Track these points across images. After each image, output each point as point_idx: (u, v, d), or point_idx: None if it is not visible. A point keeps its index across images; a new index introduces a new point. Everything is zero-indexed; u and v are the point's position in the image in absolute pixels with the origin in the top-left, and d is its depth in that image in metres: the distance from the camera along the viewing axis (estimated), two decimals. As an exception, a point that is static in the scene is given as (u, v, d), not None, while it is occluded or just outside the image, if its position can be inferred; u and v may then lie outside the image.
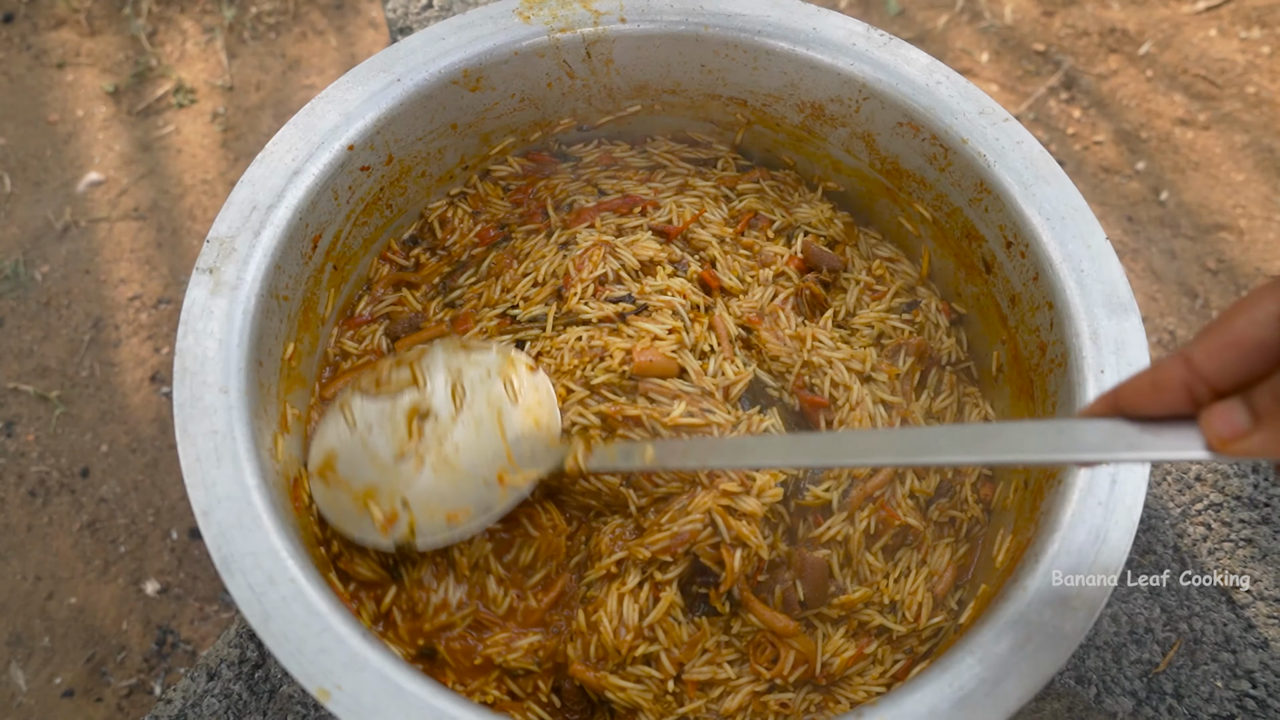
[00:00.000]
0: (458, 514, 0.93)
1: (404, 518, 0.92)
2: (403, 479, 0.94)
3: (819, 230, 1.15)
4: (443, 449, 0.96)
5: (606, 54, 1.10)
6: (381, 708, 0.72)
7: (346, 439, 0.97)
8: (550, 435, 0.95)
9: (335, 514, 0.93)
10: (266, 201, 0.94)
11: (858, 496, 0.97)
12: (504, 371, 0.99)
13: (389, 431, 0.97)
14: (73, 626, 1.76)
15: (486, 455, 0.95)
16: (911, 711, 0.73)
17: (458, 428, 0.97)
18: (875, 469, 0.98)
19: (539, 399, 0.97)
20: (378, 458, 0.96)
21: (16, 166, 2.25)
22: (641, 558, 0.91)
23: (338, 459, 0.96)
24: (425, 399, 0.98)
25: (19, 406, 1.96)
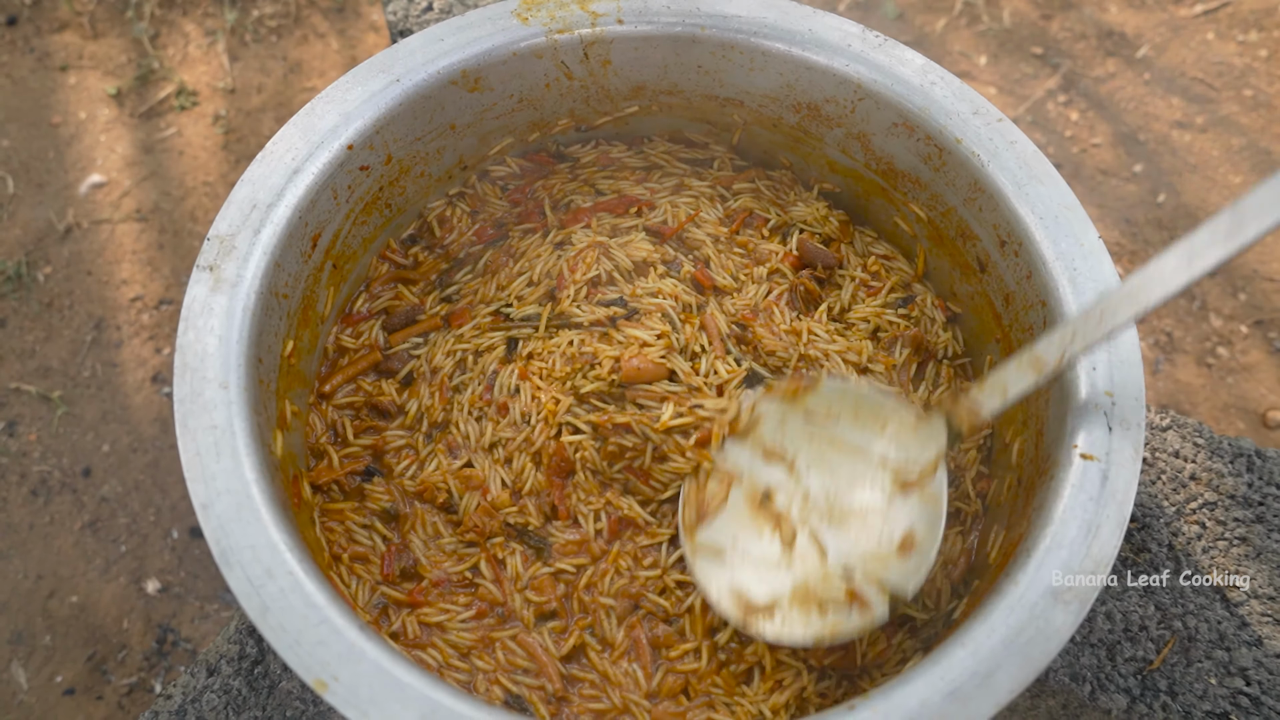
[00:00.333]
0: (905, 540, 0.90)
1: (865, 587, 0.89)
2: (815, 560, 0.90)
3: (814, 228, 1.16)
4: (818, 507, 0.92)
5: (604, 55, 1.11)
6: (378, 699, 0.72)
7: (730, 567, 0.92)
8: (905, 420, 0.92)
9: (808, 638, 0.89)
10: (266, 200, 0.95)
11: None
12: (792, 407, 0.96)
13: (755, 532, 0.93)
14: (74, 625, 1.77)
15: (866, 478, 0.92)
16: (903, 704, 0.74)
17: (810, 480, 0.93)
18: None
19: (853, 400, 0.94)
20: (771, 559, 0.92)
21: (19, 168, 2.26)
22: None
23: (747, 591, 0.91)
24: (752, 483, 0.94)
25: (21, 406, 1.97)
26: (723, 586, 0.92)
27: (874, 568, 0.90)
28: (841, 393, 0.96)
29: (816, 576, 0.91)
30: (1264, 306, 2.03)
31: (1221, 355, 1.98)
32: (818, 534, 0.92)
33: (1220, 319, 2.02)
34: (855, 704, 0.74)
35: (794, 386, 0.96)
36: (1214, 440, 1.23)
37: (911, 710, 0.73)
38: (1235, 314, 2.02)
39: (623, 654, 0.94)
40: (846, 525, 0.92)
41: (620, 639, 0.94)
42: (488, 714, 0.73)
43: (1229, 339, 2.00)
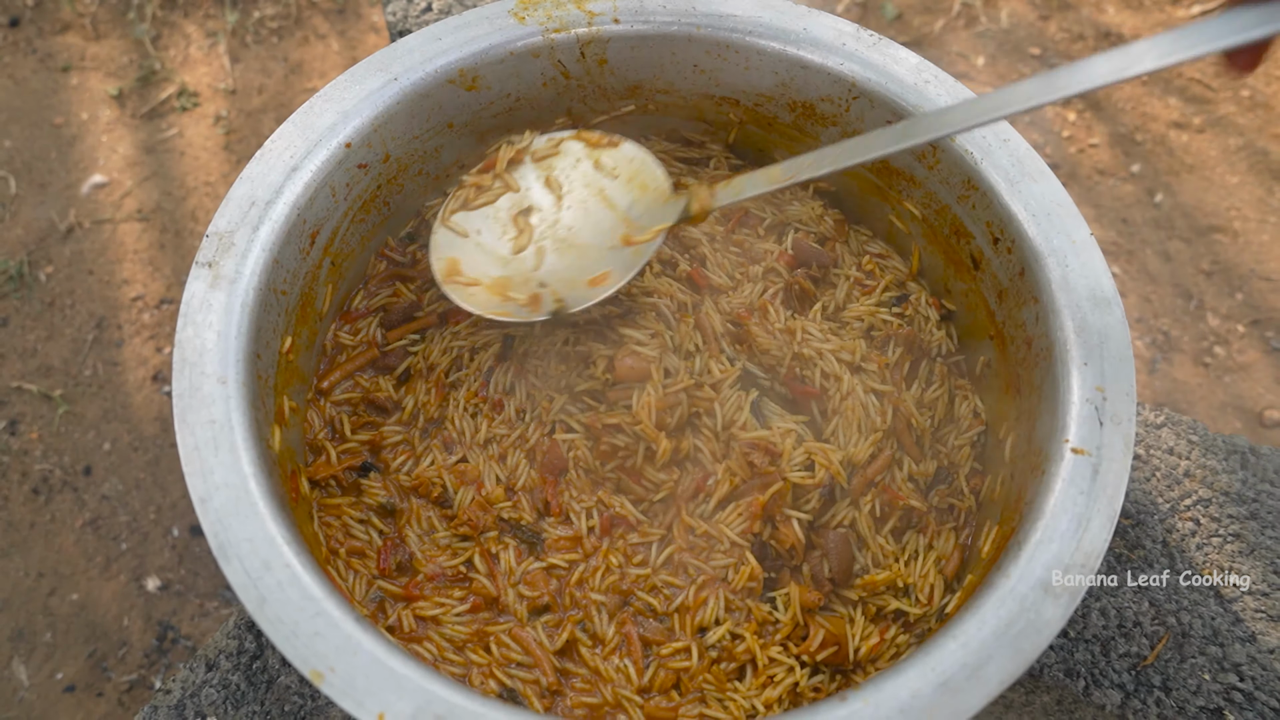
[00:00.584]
0: (600, 278, 1.00)
1: (546, 294, 1.01)
2: (529, 265, 1.03)
3: (809, 227, 1.16)
4: (556, 233, 1.05)
5: (600, 54, 1.11)
6: (374, 689, 0.73)
7: (462, 245, 1.05)
8: (661, 193, 1.03)
9: (478, 308, 1.01)
10: (265, 197, 0.96)
11: (859, 483, 1.00)
12: (590, 154, 1.07)
13: (499, 232, 1.06)
14: (74, 622, 1.77)
15: (603, 227, 1.04)
16: (894, 695, 0.74)
17: (564, 213, 1.06)
18: (874, 455, 1.01)
19: (636, 167, 1.05)
20: (497, 254, 1.04)
21: (22, 168, 2.27)
22: None
23: (460, 263, 1.04)
24: (524, 197, 1.07)
25: (23, 405, 1.98)
26: (444, 254, 1.05)
27: (563, 287, 1.02)
28: (630, 158, 1.06)
29: (519, 278, 1.03)
30: (1261, 306, 2.03)
31: (1218, 354, 1.98)
32: (544, 249, 1.05)
33: (1217, 318, 2.02)
34: (847, 695, 0.75)
35: (600, 138, 1.08)
36: (1208, 437, 1.24)
37: (903, 701, 0.74)
38: (1232, 313, 2.03)
39: (614, 650, 0.94)
40: (567, 254, 1.04)
41: (611, 635, 0.94)
42: (482, 705, 0.73)
43: (1226, 338, 2.00)
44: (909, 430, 1.04)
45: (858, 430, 1.02)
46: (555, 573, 0.98)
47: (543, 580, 0.96)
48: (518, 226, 1.06)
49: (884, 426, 1.02)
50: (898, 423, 1.03)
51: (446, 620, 0.94)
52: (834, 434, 1.02)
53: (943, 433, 1.08)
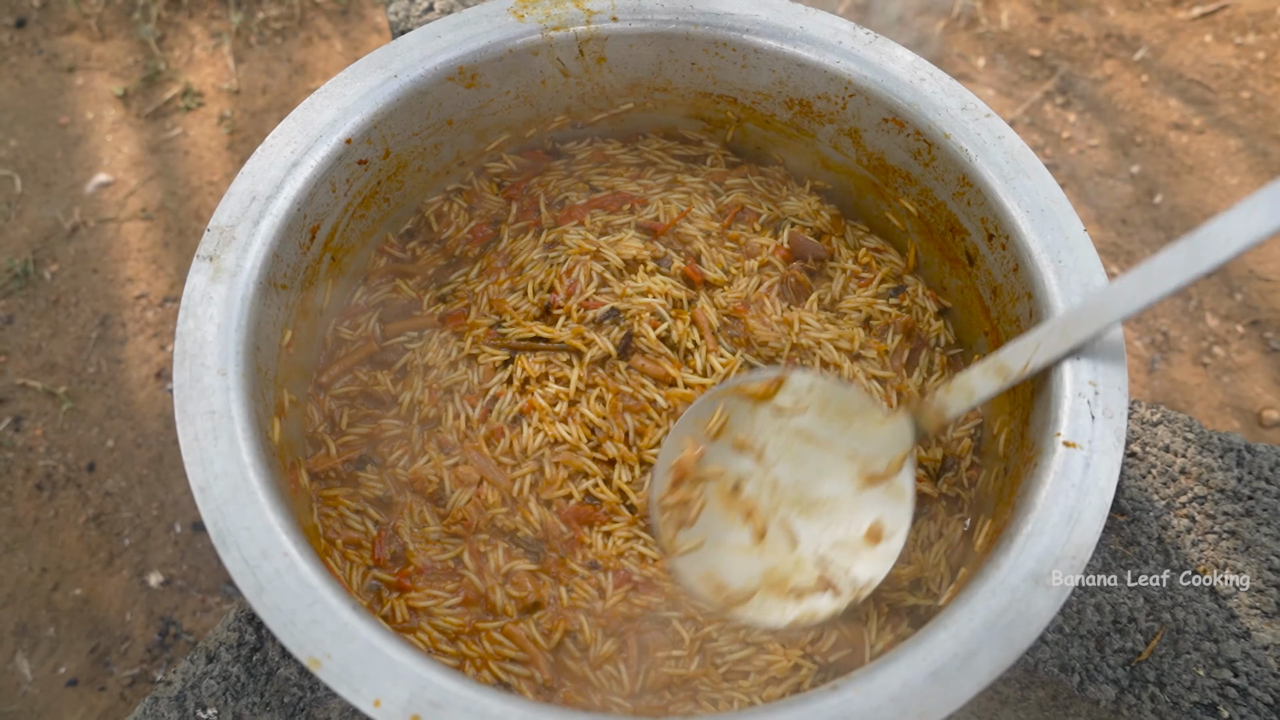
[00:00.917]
0: (872, 531, 0.92)
1: (837, 574, 0.91)
2: (786, 547, 0.93)
3: (805, 222, 1.17)
4: (785, 496, 0.94)
5: (599, 52, 1.12)
6: (370, 676, 0.74)
7: (705, 558, 0.95)
8: (870, 415, 0.94)
9: (783, 622, 0.91)
10: (265, 192, 0.97)
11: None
12: (760, 403, 0.97)
13: (727, 525, 0.95)
14: (77, 617, 1.79)
15: (833, 470, 0.94)
16: (885, 684, 0.75)
17: (778, 470, 0.95)
18: None
19: (820, 396, 0.96)
20: (743, 548, 0.94)
21: (27, 167, 2.29)
22: None
23: (721, 579, 0.94)
24: (725, 477, 0.96)
25: (27, 402, 1.99)
26: (698, 575, 0.95)
27: (843, 556, 0.92)
28: (809, 387, 0.98)
29: (789, 564, 0.93)
30: (1260, 307, 2.04)
31: (1218, 355, 1.98)
32: (788, 522, 0.94)
33: (1216, 319, 2.03)
34: (838, 685, 0.75)
35: (762, 387, 0.98)
36: (1204, 435, 1.24)
37: (894, 690, 0.74)
38: (1231, 314, 2.03)
39: (606, 659, 0.94)
40: (815, 515, 0.94)
41: (602, 642, 0.95)
42: (476, 691, 0.74)
43: (1225, 339, 2.01)
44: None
45: None
46: (545, 580, 0.98)
47: (532, 584, 0.97)
48: (739, 508, 0.95)
49: None
50: None
51: (439, 612, 0.95)
52: None
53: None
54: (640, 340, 1.06)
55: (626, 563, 0.97)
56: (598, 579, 0.97)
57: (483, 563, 0.98)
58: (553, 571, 0.97)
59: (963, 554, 1.00)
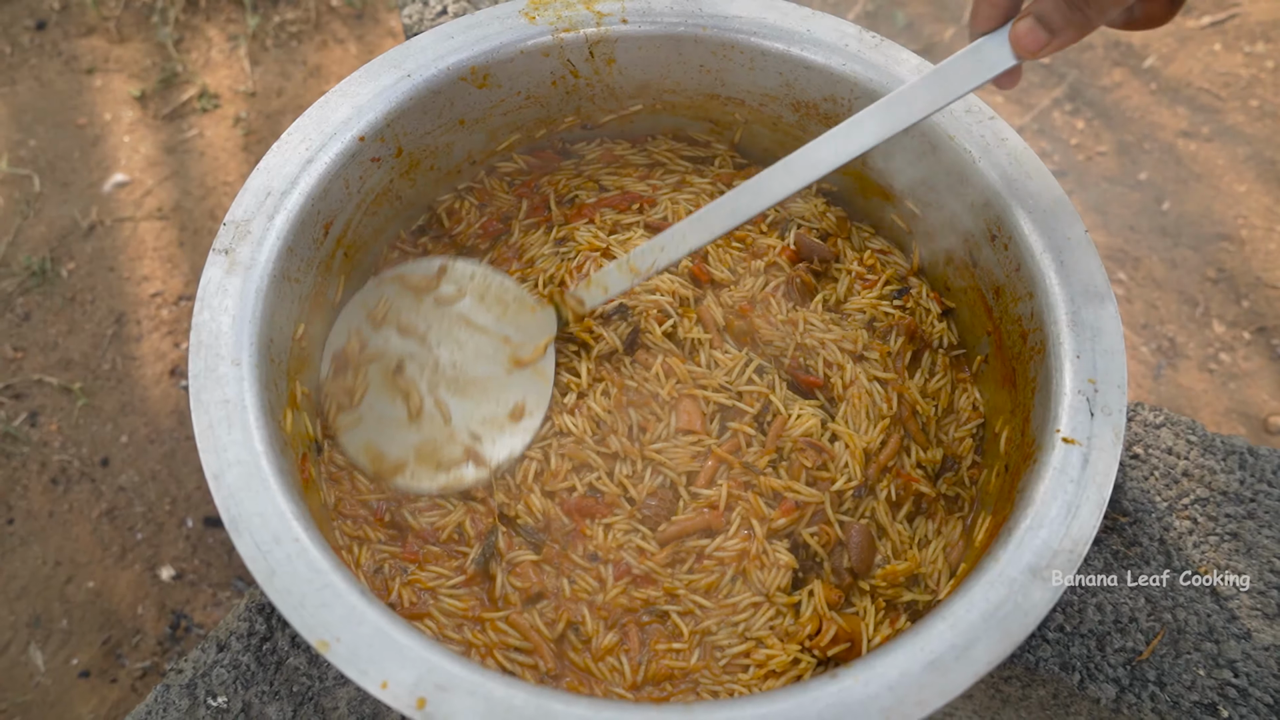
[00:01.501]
0: (518, 410, 1.00)
1: (483, 447, 0.99)
2: (440, 423, 1.01)
3: (812, 223, 1.19)
4: (444, 376, 1.03)
5: (609, 54, 1.14)
6: (378, 659, 0.75)
7: (366, 430, 1.02)
8: (523, 303, 1.04)
9: (432, 489, 1.00)
10: (280, 188, 0.99)
11: (875, 469, 1.02)
12: (413, 282, 1.06)
13: (386, 399, 1.03)
14: (90, 610, 1.81)
15: (487, 353, 1.03)
16: (883, 673, 0.76)
17: (438, 351, 1.04)
18: (885, 441, 1.04)
19: (481, 283, 1.05)
20: (401, 423, 1.02)
21: (46, 167, 2.32)
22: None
23: (380, 449, 1.02)
24: (385, 352, 1.05)
25: (43, 397, 2.02)
26: (358, 447, 1.02)
27: (489, 431, 1.01)
28: (470, 275, 1.07)
29: (442, 437, 1.01)
30: (1267, 314, 2.04)
31: (1224, 361, 1.99)
32: (442, 400, 1.03)
33: (1223, 325, 2.03)
34: (838, 673, 0.77)
35: (423, 280, 1.07)
36: (1207, 437, 1.25)
37: (891, 679, 0.76)
38: (1238, 321, 2.04)
39: (609, 652, 0.95)
40: (468, 394, 1.03)
41: (604, 635, 0.96)
42: (482, 675, 0.76)
43: (1231, 345, 2.01)
44: (914, 417, 1.06)
45: (866, 417, 1.04)
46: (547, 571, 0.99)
47: (536, 574, 0.98)
48: (401, 387, 1.03)
49: (891, 413, 1.04)
50: (903, 409, 1.05)
51: (444, 592, 0.96)
52: (844, 421, 1.04)
53: (944, 424, 1.10)
54: (646, 336, 1.07)
55: (626, 554, 0.99)
56: (598, 570, 0.98)
57: (480, 529, 1.00)
58: (554, 562, 0.98)
59: (961, 550, 1.01)
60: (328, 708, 1.06)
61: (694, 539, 0.99)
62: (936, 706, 0.74)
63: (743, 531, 0.99)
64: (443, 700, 0.74)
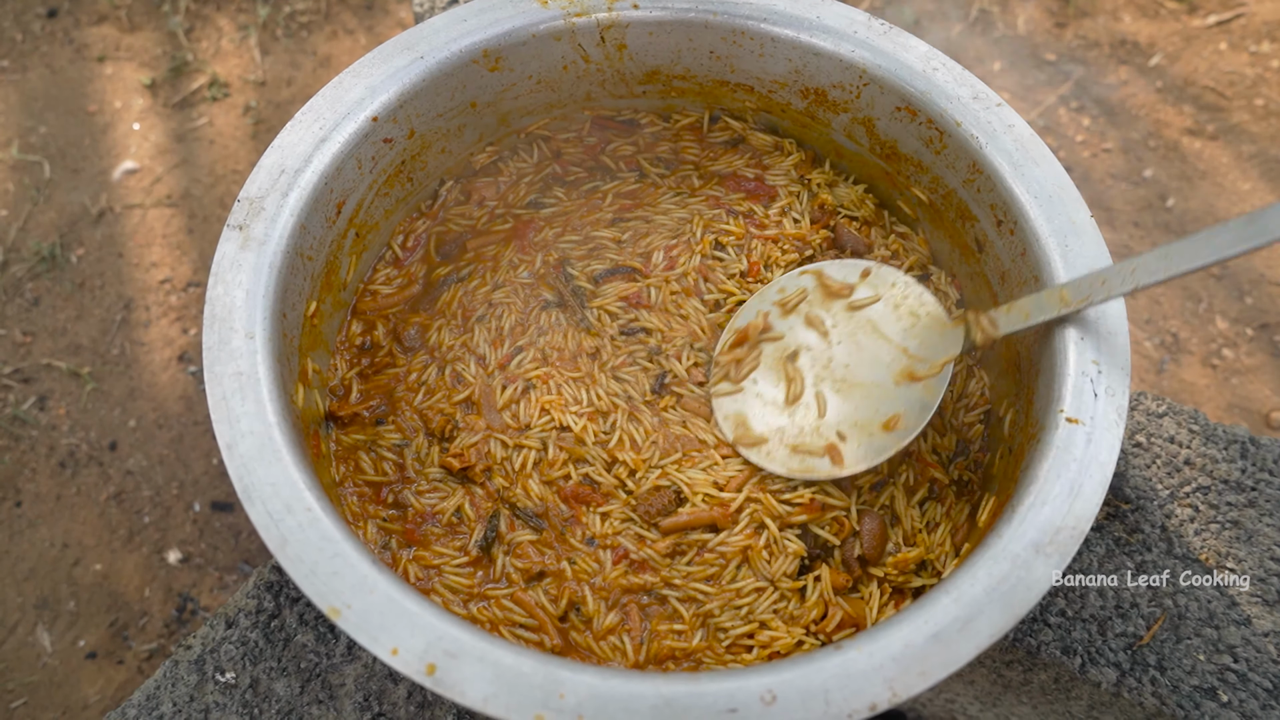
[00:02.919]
0: (892, 421, 0.99)
1: (845, 447, 1.00)
2: (813, 414, 1.03)
3: (851, 211, 1.20)
4: (833, 374, 1.03)
5: (620, 39, 1.15)
6: (389, 625, 0.76)
7: (741, 399, 1.05)
8: (937, 320, 1.02)
9: (781, 469, 1.01)
10: (294, 166, 1.00)
11: (897, 456, 1.03)
12: (833, 287, 1.07)
13: (773, 380, 1.05)
14: (97, 592, 1.82)
15: (882, 361, 1.02)
16: (887, 645, 0.77)
17: (835, 349, 1.04)
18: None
19: (900, 292, 1.04)
20: (776, 404, 1.04)
21: (56, 154, 2.34)
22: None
23: (748, 419, 1.04)
24: (789, 342, 1.06)
25: (52, 382, 2.03)
26: (727, 412, 1.05)
27: (856, 434, 1.01)
28: (893, 283, 1.05)
29: (809, 428, 1.02)
30: (1270, 310, 2.05)
31: (1226, 357, 2.00)
32: (823, 395, 1.03)
33: (1226, 321, 2.04)
34: (842, 644, 0.77)
35: (842, 285, 1.06)
36: (1209, 427, 1.25)
37: (895, 651, 0.76)
38: (1241, 317, 2.04)
39: (610, 631, 0.96)
40: (850, 395, 1.02)
41: (605, 614, 0.97)
42: (490, 643, 0.76)
43: (1234, 341, 2.02)
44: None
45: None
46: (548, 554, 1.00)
47: (537, 553, 0.99)
48: (788, 374, 1.05)
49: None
50: None
51: (449, 570, 0.97)
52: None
53: (957, 409, 1.11)
54: (670, 378, 1.10)
55: (624, 540, 1.00)
56: (597, 554, 0.99)
57: (480, 510, 1.01)
58: (553, 545, 1.00)
59: (967, 533, 1.02)
60: (335, 684, 1.07)
61: (697, 533, 1.00)
62: (940, 677, 0.75)
63: (750, 529, 1.00)
64: (452, 666, 0.75)
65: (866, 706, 0.74)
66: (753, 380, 1.05)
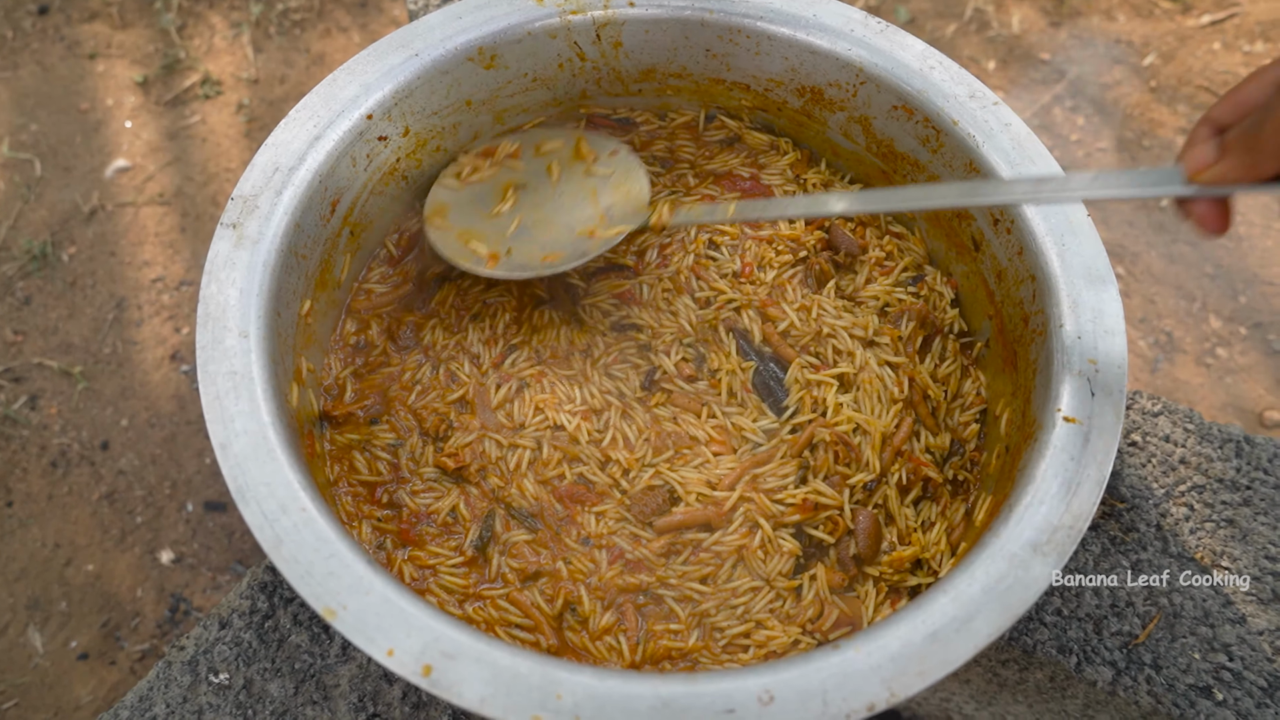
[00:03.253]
0: (553, 256, 1.08)
1: (505, 257, 1.09)
2: (502, 228, 1.12)
3: None
4: (540, 212, 1.13)
5: (615, 37, 1.15)
6: (385, 626, 0.76)
7: (454, 197, 1.14)
8: (638, 201, 1.11)
9: (446, 250, 1.10)
10: (289, 164, 0.99)
11: (889, 454, 1.03)
12: (583, 151, 1.17)
13: (491, 196, 1.15)
14: (89, 593, 1.81)
15: (580, 216, 1.12)
16: (886, 645, 0.77)
17: (554, 197, 1.14)
18: (899, 425, 1.05)
19: (626, 171, 1.14)
20: (481, 213, 1.13)
21: (48, 152, 2.32)
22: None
23: (448, 210, 1.13)
24: (521, 175, 1.16)
25: (43, 381, 2.02)
26: (437, 198, 1.14)
27: (520, 253, 1.10)
28: (625, 164, 1.15)
29: (490, 234, 1.12)
30: (1263, 309, 2.05)
31: (1220, 355, 2.00)
32: (521, 221, 1.13)
33: (1220, 320, 2.04)
34: (840, 644, 0.77)
35: (589, 152, 1.17)
36: (1204, 426, 1.26)
37: (893, 650, 0.76)
38: (1235, 316, 2.05)
39: (606, 631, 0.96)
40: (537, 230, 1.12)
41: (601, 615, 0.96)
42: (488, 644, 0.76)
43: (1228, 340, 2.02)
44: (925, 402, 1.07)
45: (878, 400, 1.05)
46: (543, 555, 1.00)
47: (532, 552, 0.99)
48: (506, 197, 1.14)
49: (903, 397, 1.05)
50: (914, 394, 1.06)
51: (444, 570, 0.97)
52: (857, 406, 1.05)
53: (951, 408, 1.10)
54: (660, 374, 1.09)
55: (619, 540, 0.99)
56: (592, 554, 0.99)
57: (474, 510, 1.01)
58: (549, 545, 0.99)
59: (963, 532, 1.01)
60: (329, 685, 1.06)
61: (692, 532, 0.99)
62: (938, 677, 0.75)
63: (744, 528, 1.00)
64: (449, 668, 0.74)
65: (865, 707, 0.73)
66: (472, 186, 1.15)
